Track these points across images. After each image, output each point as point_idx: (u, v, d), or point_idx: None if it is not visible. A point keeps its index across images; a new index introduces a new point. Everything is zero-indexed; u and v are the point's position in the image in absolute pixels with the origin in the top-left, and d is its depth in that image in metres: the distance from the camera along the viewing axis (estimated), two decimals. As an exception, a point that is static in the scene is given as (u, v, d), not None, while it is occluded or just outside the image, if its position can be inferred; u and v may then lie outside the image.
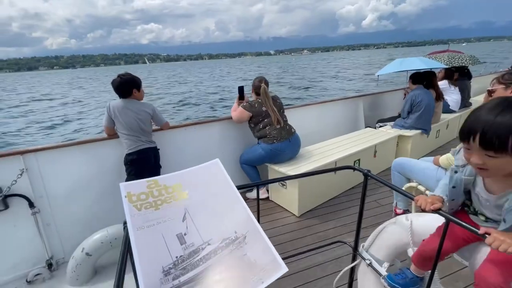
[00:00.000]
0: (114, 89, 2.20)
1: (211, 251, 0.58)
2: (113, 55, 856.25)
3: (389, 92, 4.75)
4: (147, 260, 0.53)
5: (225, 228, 0.64)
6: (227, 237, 0.61)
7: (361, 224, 1.27)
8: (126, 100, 2.21)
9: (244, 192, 2.99)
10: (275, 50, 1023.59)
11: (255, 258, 0.58)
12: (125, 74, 2.21)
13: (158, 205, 0.64)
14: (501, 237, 0.72)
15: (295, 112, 3.35)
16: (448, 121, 4.10)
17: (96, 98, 20.84)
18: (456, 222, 0.86)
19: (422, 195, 1.01)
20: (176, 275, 0.53)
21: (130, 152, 2.20)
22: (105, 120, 2.21)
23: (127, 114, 2.17)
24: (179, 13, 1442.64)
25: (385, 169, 3.34)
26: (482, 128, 0.73)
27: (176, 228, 0.61)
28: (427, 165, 2.01)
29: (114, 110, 2.16)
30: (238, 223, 0.65)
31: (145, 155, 2.25)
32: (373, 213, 2.50)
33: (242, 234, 0.62)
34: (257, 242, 0.62)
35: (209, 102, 15.64)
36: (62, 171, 2.16)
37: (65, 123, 12.34)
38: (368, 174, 1.15)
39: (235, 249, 0.59)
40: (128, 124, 2.17)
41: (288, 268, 0.60)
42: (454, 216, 0.84)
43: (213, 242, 0.60)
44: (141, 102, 2.29)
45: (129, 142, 2.19)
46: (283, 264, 0.60)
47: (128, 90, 2.20)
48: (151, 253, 0.55)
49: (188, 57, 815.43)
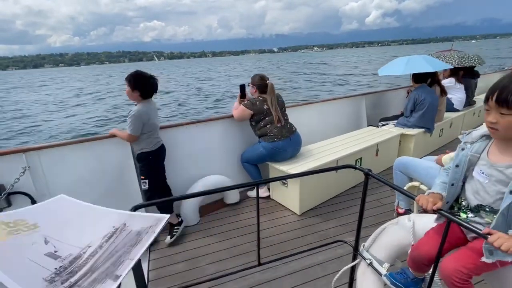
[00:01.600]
0: (145, 90, 2.12)
1: (96, 248, 0.60)
2: (117, 53, 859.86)
3: (392, 90, 4.72)
4: (20, 276, 0.52)
5: (101, 229, 0.66)
6: (107, 233, 0.64)
7: (362, 223, 1.27)
8: (149, 101, 2.18)
9: (245, 190, 3.00)
10: (278, 48, 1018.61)
11: (139, 231, 0.63)
12: (151, 76, 2.17)
13: (4, 236, 0.61)
14: (505, 235, 0.76)
15: (297, 111, 3.33)
16: (451, 120, 4.06)
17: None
18: (457, 222, 0.86)
19: (423, 195, 1.00)
20: (64, 279, 0.53)
21: (154, 149, 2.21)
22: (135, 130, 2.07)
23: (154, 115, 2.21)
24: (182, 10, 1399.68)
25: (387, 168, 3.32)
26: (500, 88, 0.85)
27: (41, 250, 0.59)
28: (430, 164, 1.99)
29: (146, 116, 2.10)
30: (112, 219, 0.68)
31: (162, 151, 2.30)
32: (374, 213, 2.49)
33: (120, 224, 0.66)
34: (137, 222, 0.66)
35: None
36: (65, 169, 2.17)
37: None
38: (368, 173, 1.14)
39: (119, 234, 0.63)
40: (155, 124, 2.20)
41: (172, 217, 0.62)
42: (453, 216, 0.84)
43: (93, 243, 0.62)
44: (152, 101, 2.29)
45: (151, 140, 2.20)
46: (163, 216, 0.66)
47: (155, 92, 2.21)
48: (21, 272, 0.53)
49: (192, 54, 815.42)
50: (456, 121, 4.21)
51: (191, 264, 2.02)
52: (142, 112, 2.08)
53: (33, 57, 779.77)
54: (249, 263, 1.33)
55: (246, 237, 2.28)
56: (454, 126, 4.22)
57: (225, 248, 2.16)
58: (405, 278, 1.15)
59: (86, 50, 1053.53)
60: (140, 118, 2.07)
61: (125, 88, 2.13)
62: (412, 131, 3.38)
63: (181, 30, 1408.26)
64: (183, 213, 2.48)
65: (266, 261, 1.29)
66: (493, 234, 0.77)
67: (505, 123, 0.84)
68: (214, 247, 2.19)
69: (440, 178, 1.08)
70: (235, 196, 2.81)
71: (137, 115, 2.06)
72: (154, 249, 2.20)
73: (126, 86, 2.12)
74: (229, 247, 2.17)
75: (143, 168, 2.25)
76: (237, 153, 2.93)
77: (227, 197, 2.80)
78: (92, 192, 2.28)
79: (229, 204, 2.79)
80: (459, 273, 0.89)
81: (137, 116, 2.06)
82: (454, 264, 0.91)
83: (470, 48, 51.10)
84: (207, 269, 1.96)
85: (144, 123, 2.10)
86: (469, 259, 0.90)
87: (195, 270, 1.96)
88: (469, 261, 0.89)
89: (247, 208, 2.74)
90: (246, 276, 1.83)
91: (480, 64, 4.30)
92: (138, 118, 2.06)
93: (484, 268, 0.89)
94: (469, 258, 0.90)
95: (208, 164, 2.80)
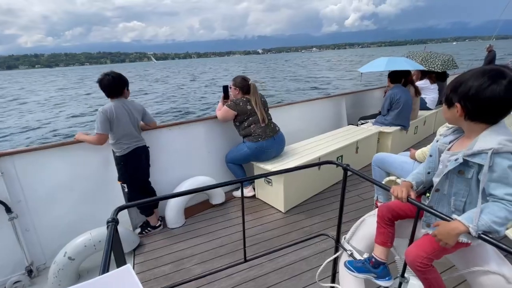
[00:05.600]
0: (106, 88, 2.10)
1: None
2: (97, 54, 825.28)
3: (370, 90, 4.91)
4: None
5: None
6: None
7: (343, 217, 1.33)
8: (118, 100, 2.14)
9: (231, 191, 3.01)
10: (263, 49, 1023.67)
11: None
12: (113, 72, 2.13)
13: None
14: (443, 222, 0.92)
15: (280, 111, 3.39)
16: (425, 118, 4.29)
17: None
18: (427, 210, 0.94)
19: (396, 186, 1.08)
20: None
21: (126, 153, 2.16)
22: (102, 128, 2.03)
23: (124, 114, 2.13)
24: (163, 10, 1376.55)
25: (367, 165, 3.45)
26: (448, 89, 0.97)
27: None
28: (405, 159, 2.11)
29: (112, 113, 2.05)
30: None
31: (139, 154, 2.24)
32: (355, 207, 2.59)
33: None
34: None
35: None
36: (41, 174, 2.09)
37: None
38: (347, 168, 1.20)
39: None
40: (125, 125, 2.13)
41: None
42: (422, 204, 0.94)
43: None
44: (130, 101, 2.25)
45: (124, 143, 2.15)
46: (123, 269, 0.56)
47: (121, 89, 2.15)
48: None
49: (176, 55, 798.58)
50: (429, 119, 4.46)
51: (177, 266, 2.00)
52: (106, 108, 2.05)
53: (5, 58, 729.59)
54: (236, 261, 1.35)
55: (233, 236, 2.30)
56: (428, 123, 4.47)
57: (211, 248, 2.17)
58: (362, 263, 1.24)
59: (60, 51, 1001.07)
60: (104, 114, 2.03)
61: None
62: (389, 128, 3.55)
63: (162, 31, 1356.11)
64: (167, 215, 2.46)
65: (252, 257, 1.32)
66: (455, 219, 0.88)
67: (449, 114, 0.98)
68: (200, 247, 2.19)
69: (417, 169, 1.17)
70: (221, 196, 2.81)
71: (101, 111, 2.04)
72: (139, 252, 2.17)
73: None
74: (215, 247, 2.18)
75: (119, 172, 2.23)
76: (221, 154, 2.94)
77: (213, 198, 2.80)
78: (72, 197, 2.21)
79: (215, 204, 2.80)
80: (420, 257, 0.98)
81: (101, 112, 2.03)
82: (415, 250, 1.01)
83: (452, 49, 54.12)
84: (194, 270, 1.96)
85: (111, 120, 2.05)
86: (428, 245, 0.99)
87: (181, 271, 1.95)
88: (428, 246, 0.99)
89: (233, 208, 2.76)
90: (232, 275, 1.85)
91: (445, 69, 4.47)
92: (102, 114, 2.03)
93: (442, 251, 0.98)
94: (428, 244, 1.00)
95: (192, 166, 2.79)
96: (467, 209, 0.94)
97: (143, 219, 2.46)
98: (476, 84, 0.86)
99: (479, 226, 0.83)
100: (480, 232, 0.82)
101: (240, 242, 2.14)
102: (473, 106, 0.88)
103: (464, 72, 0.94)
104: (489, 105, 0.86)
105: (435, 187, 1.01)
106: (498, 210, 0.83)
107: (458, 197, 0.96)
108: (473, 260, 1.00)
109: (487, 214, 0.84)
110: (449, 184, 0.97)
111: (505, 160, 0.83)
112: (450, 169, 0.94)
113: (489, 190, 0.86)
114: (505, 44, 60.25)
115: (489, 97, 0.84)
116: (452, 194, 0.97)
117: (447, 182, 0.97)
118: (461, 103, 0.90)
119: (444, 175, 0.97)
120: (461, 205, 0.96)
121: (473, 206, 0.91)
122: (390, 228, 1.18)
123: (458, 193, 0.95)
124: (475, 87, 0.86)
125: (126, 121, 2.14)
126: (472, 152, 0.88)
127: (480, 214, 0.84)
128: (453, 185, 0.96)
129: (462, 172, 0.92)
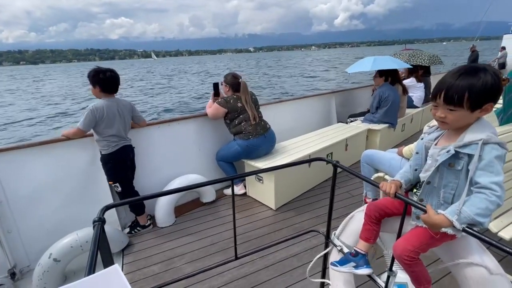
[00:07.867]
0: (103, 84, 2.04)
1: None
2: (85, 51, 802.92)
3: (359, 88, 4.98)
4: None
5: None
6: None
7: (333, 214, 1.34)
8: (111, 99, 2.09)
9: (221, 189, 2.99)
10: (254, 48, 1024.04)
11: None
12: (109, 69, 2.08)
13: None
14: (433, 213, 0.92)
15: (270, 109, 3.40)
16: (412, 116, 4.40)
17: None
18: (413, 204, 0.96)
19: (385, 182, 1.10)
20: None
21: (114, 151, 2.11)
22: (85, 125, 1.99)
23: (115, 115, 2.08)
24: (151, 7, 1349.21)
25: (356, 162, 3.50)
26: (446, 87, 0.93)
27: None
28: (392, 156, 2.15)
29: (102, 114, 2.00)
30: None
31: (126, 153, 2.20)
32: (345, 204, 2.62)
33: None
34: None
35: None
36: (25, 174, 2.02)
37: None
38: (336, 164, 1.21)
39: None
40: (115, 123, 2.08)
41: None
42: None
43: None
44: (121, 99, 2.20)
45: (111, 141, 2.10)
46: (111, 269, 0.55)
47: (118, 86, 2.10)
48: None
49: (167, 53, 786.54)
50: (416, 117, 4.56)
51: (166, 265, 1.98)
52: (97, 106, 2.00)
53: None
54: (227, 259, 1.34)
55: (223, 234, 2.29)
56: (415, 121, 4.58)
57: (202, 246, 2.15)
58: (344, 256, 1.26)
59: (44, 47, 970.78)
60: (93, 112, 1.98)
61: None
62: (378, 126, 3.61)
63: (151, 28, 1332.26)
64: (157, 214, 2.43)
65: (243, 255, 1.31)
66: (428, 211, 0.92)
67: (453, 117, 0.94)
68: (190, 246, 2.17)
69: (404, 168, 1.20)
70: (211, 194, 2.80)
71: (92, 109, 1.99)
72: (128, 252, 2.13)
73: (89, 84, 2.05)
74: (206, 245, 2.17)
75: (108, 172, 2.17)
76: (212, 152, 2.92)
77: (203, 196, 2.78)
78: (57, 197, 2.14)
79: (205, 203, 2.78)
80: (407, 251, 1.01)
81: (91, 110, 1.99)
82: (402, 244, 1.03)
83: (440, 49, 55.35)
84: (184, 269, 1.94)
85: (98, 119, 2.01)
86: (415, 239, 1.02)
87: (171, 270, 1.93)
88: (415, 240, 1.02)
89: (224, 206, 2.75)
90: (223, 273, 1.84)
91: (432, 64, 4.72)
92: (91, 112, 1.98)
93: (429, 244, 1.02)
94: (415, 238, 1.03)
95: (182, 164, 2.76)
96: (455, 201, 0.97)
97: (132, 219, 2.42)
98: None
99: (462, 219, 0.85)
100: (464, 225, 0.84)
101: (231, 240, 2.14)
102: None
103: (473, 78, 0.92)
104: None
105: (427, 179, 1.03)
106: (479, 202, 0.86)
107: (447, 189, 0.99)
108: (457, 253, 1.03)
109: (468, 206, 0.87)
110: (439, 176, 1.00)
111: (493, 150, 0.87)
112: (441, 162, 0.96)
113: (475, 178, 0.89)
114: (487, 45, 62.47)
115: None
116: (442, 186, 1.00)
117: (438, 175, 1.00)
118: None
119: (436, 168, 0.99)
120: (449, 197, 0.98)
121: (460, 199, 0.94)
122: (375, 226, 1.20)
123: (448, 185, 0.98)
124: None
125: (116, 122, 2.10)
126: (464, 143, 0.91)
127: (461, 207, 0.87)
128: (443, 178, 0.99)
129: (452, 164, 0.95)
